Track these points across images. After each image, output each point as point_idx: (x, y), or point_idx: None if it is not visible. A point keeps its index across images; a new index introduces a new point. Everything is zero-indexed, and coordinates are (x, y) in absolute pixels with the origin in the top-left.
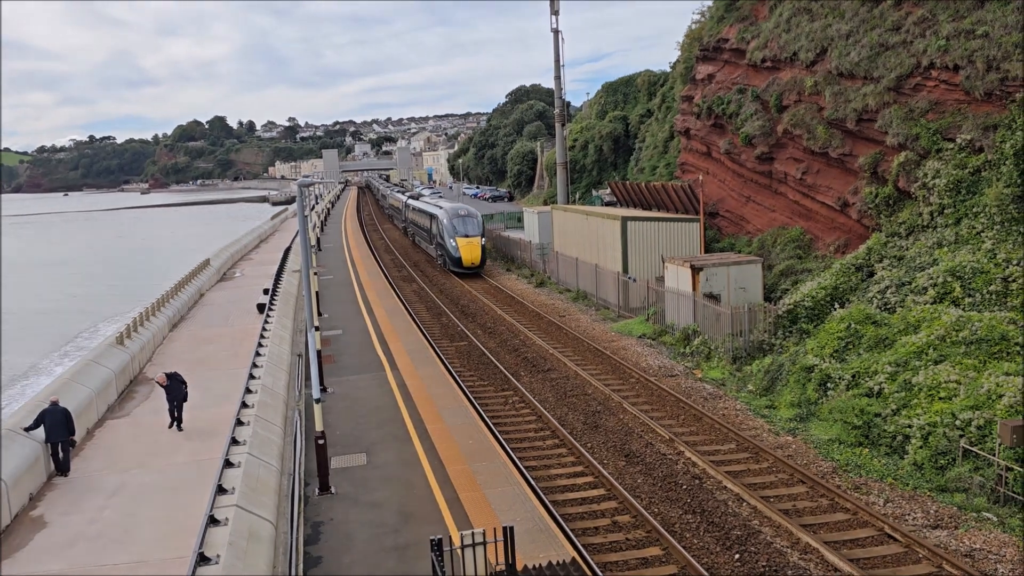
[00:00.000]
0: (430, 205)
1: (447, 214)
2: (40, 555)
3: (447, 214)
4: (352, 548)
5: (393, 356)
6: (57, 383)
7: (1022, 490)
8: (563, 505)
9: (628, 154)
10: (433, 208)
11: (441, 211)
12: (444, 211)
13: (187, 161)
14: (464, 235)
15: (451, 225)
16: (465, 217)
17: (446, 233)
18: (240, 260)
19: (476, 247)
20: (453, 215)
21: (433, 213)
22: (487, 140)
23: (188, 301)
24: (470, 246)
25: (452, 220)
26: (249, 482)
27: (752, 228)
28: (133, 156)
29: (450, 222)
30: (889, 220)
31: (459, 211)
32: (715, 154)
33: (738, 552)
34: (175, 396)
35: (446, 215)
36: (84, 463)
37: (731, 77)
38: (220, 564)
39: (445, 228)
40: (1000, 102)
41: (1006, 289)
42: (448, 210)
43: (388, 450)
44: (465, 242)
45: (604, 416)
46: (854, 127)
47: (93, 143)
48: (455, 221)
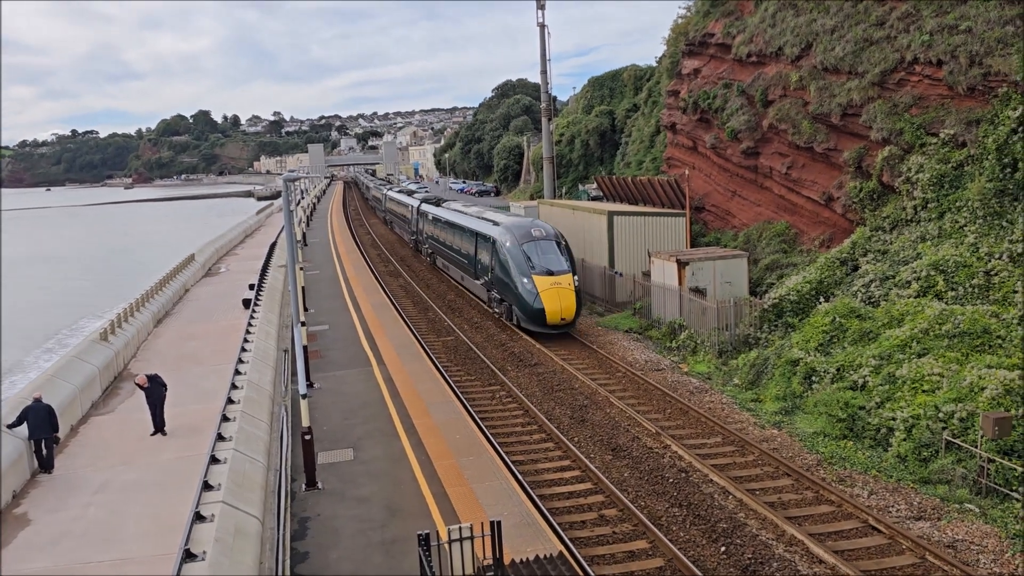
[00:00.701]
0: (473, 219)
1: (511, 235)
2: (25, 553)
3: (511, 235)
4: (339, 543)
5: (380, 351)
6: (40, 379)
7: (1004, 481)
8: (550, 499)
9: (614, 149)
10: (481, 223)
11: (500, 230)
12: (506, 230)
13: (171, 156)
14: (545, 271)
15: (521, 255)
16: (542, 240)
17: (513, 268)
18: (225, 255)
19: (567, 292)
20: (522, 236)
21: (484, 233)
22: (473, 135)
23: (173, 297)
24: (557, 292)
25: (522, 246)
26: (235, 478)
27: (738, 222)
28: (116, 151)
29: (519, 249)
30: (873, 214)
31: (530, 230)
32: (701, 149)
33: (724, 545)
34: (155, 399)
35: (510, 236)
36: (68, 460)
37: (717, 72)
38: (206, 561)
39: (511, 259)
40: (983, 97)
41: (988, 283)
42: (511, 228)
43: (375, 445)
44: (548, 284)
45: (591, 410)
46: (839, 122)
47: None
48: (528, 248)
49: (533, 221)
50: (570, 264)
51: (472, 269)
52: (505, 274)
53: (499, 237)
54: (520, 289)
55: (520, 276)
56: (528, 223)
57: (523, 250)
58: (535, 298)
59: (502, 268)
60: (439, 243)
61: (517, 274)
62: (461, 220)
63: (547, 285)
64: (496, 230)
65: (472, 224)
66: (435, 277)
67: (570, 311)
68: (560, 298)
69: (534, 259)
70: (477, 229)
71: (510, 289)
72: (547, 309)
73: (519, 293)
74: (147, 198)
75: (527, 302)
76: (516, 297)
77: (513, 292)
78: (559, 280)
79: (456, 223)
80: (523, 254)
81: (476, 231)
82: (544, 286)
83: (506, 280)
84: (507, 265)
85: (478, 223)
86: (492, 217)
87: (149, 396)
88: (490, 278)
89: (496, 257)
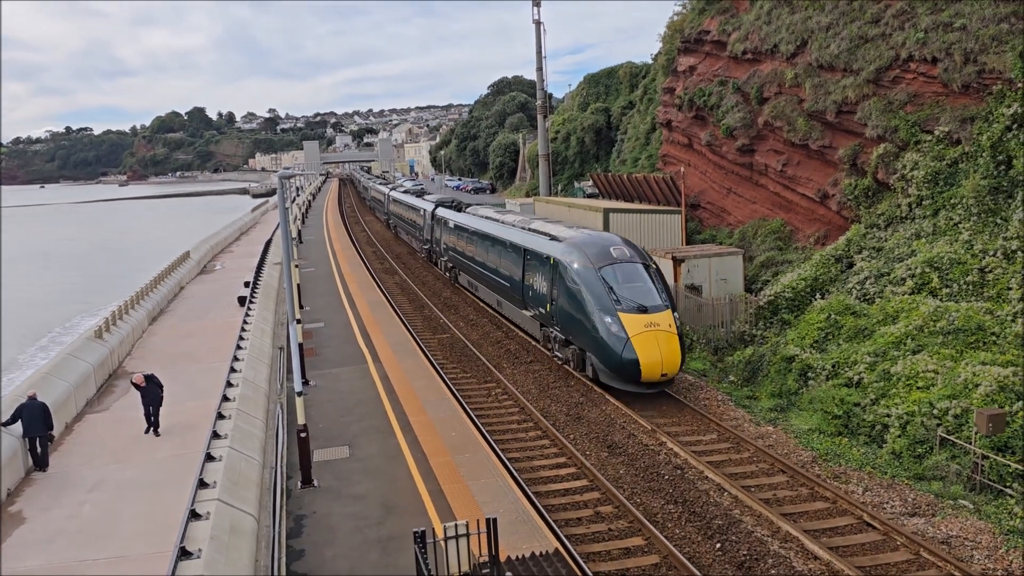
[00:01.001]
0: (518, 231)
1: (583, 255)
2: (19, 551)
3: (583, 255)
4: (335, 541)
5: (375, 349)
6: (35, 377)
7: (998, 478)
8: (546, 496)
9: (610, 146)
10: (531, 238)
11: (565, 248)
12: (573, 248)
13: (166, 153)
14: (635, 307)
15: (599, 283)
16: (625, 263)
17: (588, 301)
18: (220, 253)
19: (668, 338)
20: (598, 257)
21: (539, 251)
22: (469, 132)
23: (168, 294)
24: (655, 337)
25: (600, 270)
26: (231, 476)
27: (733, 220)
28: (111, 148)
29: (595, 275)
30: (868, 212)
31: (608, 248)
32: (696, 146)
33: (719, 541)
34: (151, 400)
35: (581, 257)
36: (63, 458)
37: (712, 69)
38: (202, 558)
39: (585, 289)
40: (977, 94)
41: (983, 280)
42: (582, 246)
43: (371, 443)
44: (642, 325)
45: (586, 407)
46: (834, 119)
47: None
48: (608, 273)
49: (608, 236)
50: (667, 295)
51: (518, 296)
52: (576, 308)
53: (563, 257)
54: (601, 332)
55: (600, 314)
56: (604, 239)
57: (601, 276)
58: (624, 345)
59: (571, 300)
60: (464, 258)
61: (595, 310)
62: (499, 232)
63: (640, 327)
64: (558, 248)
65: (518, 238)
66: (431, 274)
67: (673, 363)
68: (660, 345)
69: (618, 289)
70: (526, 245)
71: (583, 330)
72: (642, 361)
73: (599, 337)
74: (142, 195)
75: (612, 350)
76: (594, 342)
77: (589, 335)
78: (656, 320)
79: (492, 235)
80: (601, 282)
81: (524, 247)
82: (636, 328)
83: (577, 317)
84: (579, 297)
85: (527, 237)
86: (549, 230)
87: (145, 396)
88: (549, 312)
89: (560, 285)
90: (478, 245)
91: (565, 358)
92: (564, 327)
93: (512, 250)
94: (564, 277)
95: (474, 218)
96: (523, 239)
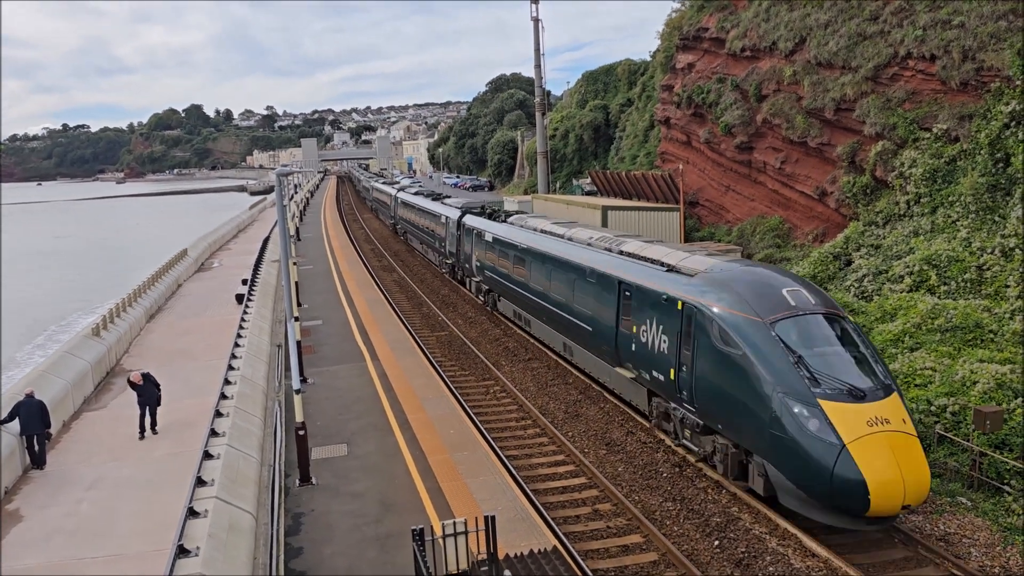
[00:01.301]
0: (603, 255)
1: (741, 299)
2: (17, 549)
3: (741, 299)
4: (333, 539)
5: (374, 346)
6: (33, 375)
7: (996, 475)
8: (544, 494)
9: (609, 143)
10: (641, 268)
11: (706, 286)
12: (723, 287)
13: (163, 150)
14: (845, 390)
15: (778, 347)
16: (811, 315)
17: (765, 381)
18: (218, 250)
19: (907, 443)
20: (767, 302)
21: (652, 288)
22: (467, 129)
23: (165, 292)
24: (888, 441)
25: (774, 326)
26: (229, 473)
27: (732, 217)
28: (108, 145)
29: (769, 333)
30: (866, 209)
31: (776, 287)
32: (695, 143)
33: (718, 539)
34: (147, 400)
35: (736, 301)
36: (60, 456)
37: (711, 66)
38: (200, 556)
39: (755, 359)
40: (976, 92)
41: (980, 277)
42: (735, 283)
43: (369, 440)
44: (862, 422)
45: (585, 405)
46: (832, 117)
47: (67, 132)
48: (786, 330)
49: (769, 271)
50: (883, 367)
51: (608, 347)
52: (735, 385)
53: (702, 301)
54: (789, 430)
55: (784, 400)
56: (766, 276)
57: (776, 336)
58: (837, 457)
59: (721, 370)
60: (509, 282)
61: (774, 393)
62: (572, 254)
63: (860, 426)
64: (690, 286)
65: (606, 264)
66: (429, 272)
67: (920, 485)
68: (897, 456)
69: (809, 359)
70: (624, 276)
71: (749, 421)
72: (872, 483)
73: (786, 440)
74: (139, 193)
75: (813, 463)
76: (772, 444)
77: (761, 431)
78: (882, 413)
79: (558, 257)
80: (779, 346)
81: (621, 280)
82: (854, 427)
83: (736, 398)
84: (739, 368)
85: (623, 264)
86: (659, 255)
87: (141, 396)
88: (673, 381)
89: (698, 344)
90: (533, 268)
91: (703, 452)
92: (706, 408)
93: (597, 281)
94: (706, 332)
95: (526, 232)
96: (616, 267)
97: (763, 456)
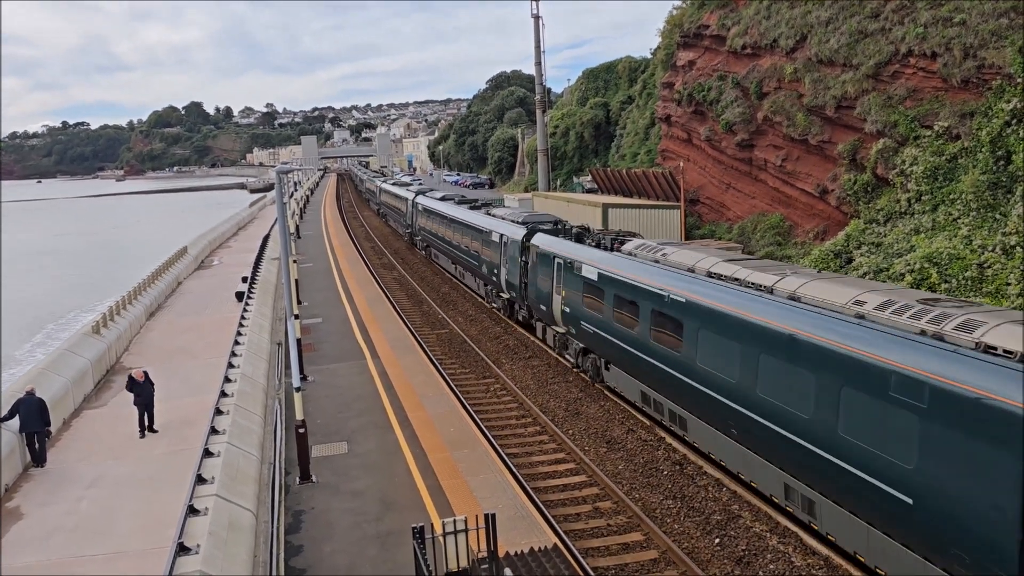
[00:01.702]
0: (875, 335)
1: None
2: (17, 547)
3: None
4: (333, 536)
5: (374, 344)
6: (33, 372)
7: None
8: (545, 492)
9: (609, 141)
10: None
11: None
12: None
13: (163, 148)
14: None
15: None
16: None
17: None
18: (218, 248)
19: None
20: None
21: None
22: (467, 127)
23: (165, 290)
24: None
25: None
26: (229, 471)
27: (732, 215)
28: (108, 142)
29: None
30: (867, 207)
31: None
32: (696, 141)
33: (718, 537)
34: (145, 398)
35: None
36: (61, 454)
37: (712, 64)
38: (200, 554)
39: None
40: (977, 89)
41: (981, 275)
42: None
43: (369, 438)
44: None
45: (585, 403)
46: (833, 114)
47: (67, 129)
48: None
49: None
50: None
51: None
52: None
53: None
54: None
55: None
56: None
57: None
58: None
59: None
60: (655, 360)
61: None
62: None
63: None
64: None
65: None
66: (429, 270)
67: None
68: None
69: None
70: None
71: None
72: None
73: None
74: (139, 190)
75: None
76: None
77: None
78: None
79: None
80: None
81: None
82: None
83: None
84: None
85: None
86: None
87: (139, 395)
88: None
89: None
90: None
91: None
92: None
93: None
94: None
95: (675, 278)
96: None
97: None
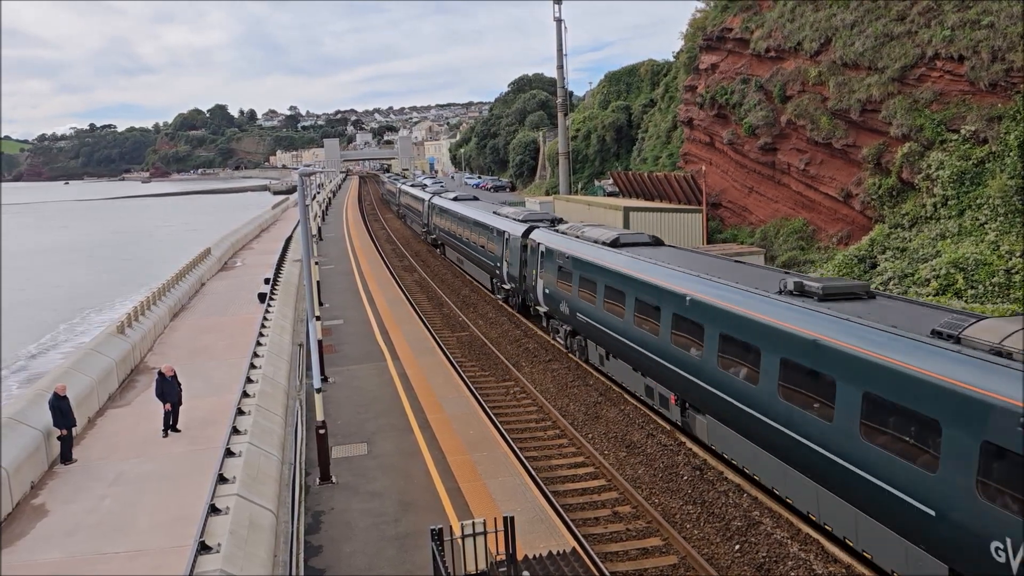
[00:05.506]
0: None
1: None
2: (40, 543)
3: None
4: (352, 537)
5: (394, 346)
6: (58, 371)
7: None
8: (564, 495)
9: (631, 144)
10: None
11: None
12: None
13: (188, 150)
14: None
15: None
16: None
17: None
18: (241, 249)
19: None
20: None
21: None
22: (489, 130)
23: (189, 290)
24: None
25: None
26: (250, 471)
27: (755, 219)
28: (134, 145)
29: None
30: (892, 211)
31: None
32: (718, 144)
33: (739, 543)
34: (170, 396)
35: None
36: (85, 452)
37: (735, 67)
38: (221, 553)
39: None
40: (1005, 93)
41: (1009, 281)
42: None
43: (389, 440)
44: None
45: (605, 407)
46: (858, 118)
47: (93, 131)
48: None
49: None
50: None
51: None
52: None
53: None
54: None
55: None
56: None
57: None
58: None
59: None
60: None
61: None
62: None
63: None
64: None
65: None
66: (450, 272)
67: None
68: None
69: None
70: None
71: None
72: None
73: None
74: (164, 192)
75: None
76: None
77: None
78: None
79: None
80: None
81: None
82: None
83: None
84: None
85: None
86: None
87: (165, 393)
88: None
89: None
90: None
91: None
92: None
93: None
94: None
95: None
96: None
97: None
